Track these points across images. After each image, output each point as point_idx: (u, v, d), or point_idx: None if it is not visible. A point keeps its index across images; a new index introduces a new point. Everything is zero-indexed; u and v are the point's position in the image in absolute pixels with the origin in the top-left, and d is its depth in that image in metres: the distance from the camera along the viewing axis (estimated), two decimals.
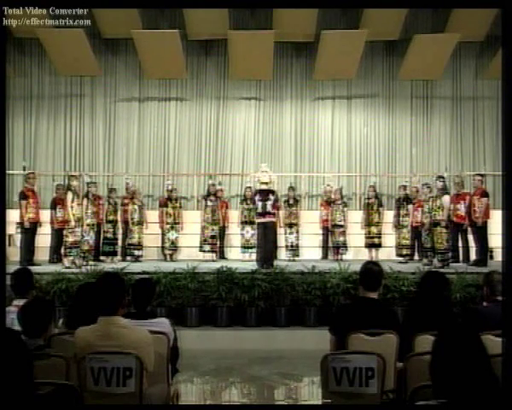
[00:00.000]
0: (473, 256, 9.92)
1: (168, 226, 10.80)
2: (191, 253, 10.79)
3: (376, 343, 3.50)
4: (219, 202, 11.16)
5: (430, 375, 2.06)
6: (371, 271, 3.84)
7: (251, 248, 10.72)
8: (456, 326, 2.13)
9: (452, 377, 1.97)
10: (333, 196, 11.29)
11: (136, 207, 10.68)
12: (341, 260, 10.29)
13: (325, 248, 11.33)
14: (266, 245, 9.32)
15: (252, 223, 10.59)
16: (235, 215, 11.46)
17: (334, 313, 4.09)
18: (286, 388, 6.24)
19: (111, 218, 10.57)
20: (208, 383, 6.36)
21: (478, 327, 2.53)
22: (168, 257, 10.73)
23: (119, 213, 10.76)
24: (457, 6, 11.05)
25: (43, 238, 10.12)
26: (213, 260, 10.46)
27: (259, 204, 9.30)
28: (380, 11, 11.26)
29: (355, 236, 11.14)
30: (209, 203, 10.89)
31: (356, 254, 11.06)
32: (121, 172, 12.67)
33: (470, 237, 10.08)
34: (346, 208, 11.26)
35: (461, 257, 10.18)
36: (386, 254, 10.84)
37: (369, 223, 10.85)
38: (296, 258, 10.72)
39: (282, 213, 10.97)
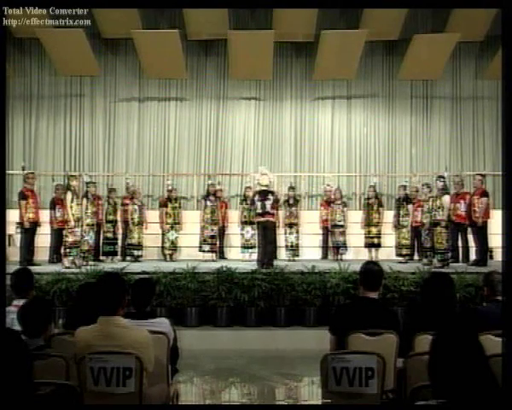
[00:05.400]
0: (472, 256, 9.91)
1: (168, 226, 10.80)
2: (191, 253, 10.78)
3: (376, 343, 3.50)
4: (219, 202, 11.15)
5: (428, 375, 2.06)
6: (371, 271, 3.85)
7: (251, 248, 10.72)
8: (454, 326, 2.13)
9: (449, 377, 1.97)
10: (333, 196, 11.29)
11: (136, 207, 10.68)
12: (341, 260, 10.29)
13: (325, 248, 11.32)
14: (266, 245, 9.32)
15: (252, 223, 10.58)
16: (234, 215, 11.45)
17: (334, 312, 4.09)
18: (286, 388, 6.23)
19: (111, 218, 10.56)
20: (208, 383, 6.35)
21: (478, 327, 2.53)
22: (168, 257, 10.72)
23: (118, 213, 10.76)
24: (457, 6, 11.05)
25: (43, 238, 10.11)
26: (213, 260, 10.45)
27: (258, 204, 9.30)
28: (380, 11, 11.26)
29: (355, 236, 11.13)
30: (208, 203, 10.88)
31: (356, 254, 11.05)
32: (121, 172, 12.67)
33: (470, 237, 10.08)
34: (345, 208, 11.27)
35: (461, 257, 10.18)
36: (386, 254, 10.83)
37: (368, 223, 10.84)
38: (296, 258, 10.71)
39: (281, 212, 10.97)
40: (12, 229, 9.89)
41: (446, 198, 9.42)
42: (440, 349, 2.03)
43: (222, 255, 11.19)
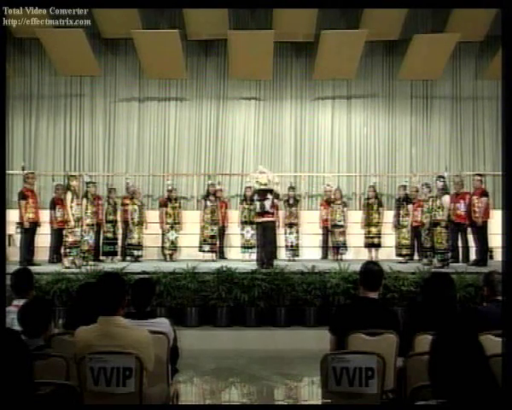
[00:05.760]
0: (472, 256, 9.92)
1: (168, 226, 10.79)
2: (191, 253, 10.78)
3: (376, 343, 3.50)
4: (219, 201, 11.15)
5: (428, 375, 2.06)
6: (371, 271, 3.84)
7: (251, 248, 10.71)
8: (454, 326, 2.13)
9: (449, 377, 1.97)
10: (333, 196, 11.29)
11: (136, 207, 10.68)
12: (341, 260, 10.29)
13: (325, 248, 11.32)
14: (266, 245, 9.31)
15: (252, 223, 10.57)
16: (234, 215, 11.45)
17: (334, 312, 4.09)
18: (286, 388, 6.24)
19: (111, 218, 10.56)
20: (208, 383, 6.36)
21: (478, 327, 2.53)
22: (168, 257, 10.72)
23: (118, 213, 10.76)
24: (457, 6, 11.05)
25: (43, 238, 10.12)
26: (213, 260, 10.45)
27: (258, 204, 9.29)
28: (380, 11, 11.26)
29: (355, 236, 11.13)
30: (208, 203, 10.88)
31: (356, 254, 11.05)
32: (121, 172, 12.68)
33: (470, 237, 10.08)
34: (345, 208, 11.27)
35: (460, 257, 10.19)
36: (386, 254, 10.83)
37: (368, 223, 10.84)
38: (296, 258, 10.70)
39: (281, 212, 10.97)
40: (12, 229, 9.89)
41: (446, 198, 9.42)
42: (440, 349, 2.03)
43: (222, 255, 11.19)
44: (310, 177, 13.17)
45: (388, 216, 11.07)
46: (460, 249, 10.22)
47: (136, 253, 10.55)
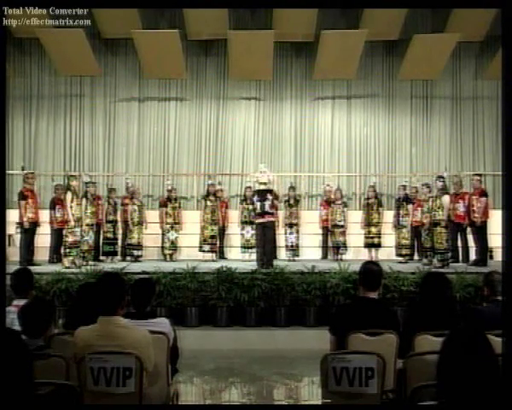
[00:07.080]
0: (472, 256, 9.92)
1: (168, 226, 10.79)
2: (191, 253, 10.78)
3: (376, 343, 3.50)
4: (219, 201, 11.15)
5: (436, 375, 2.04)
6: (371, 271, 3.84)
7: (251, 248, 10.71)
8: (466, 328, 2.12)
9: (460, 378, 1.95)
10: (333, 196, 11.29)
11: (135, 207, 10.68)
12: (341, 260, 10.29)
13: (325, 248, 11.32)
14: (266, 245, 9.31)
15: (252, 223, 10.57)
16: (234, 215, 11.45)
17: (334, 313, 4.09)
18: (286, 388, 6.24)
19: (111, 218, 10.56)
20: (208, 383, 6.36)
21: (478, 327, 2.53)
22: (168, 257, 10.72)
23: (118, 213, 10.76)
24: (457, 6, 11.06)
25: (43, 238, 10.12)
26: (213, 260, 10.45)
27: (258, 204, 9.30)
28: (380, 11, 11.26)
29: (355, 236, 11.13)
30: (209, 203, 10.88)
31: (356, 254, 11.05)
32: (121, 172, 12.68)
33: (470, 237, 10.09)
34: (345, 208, 11.27)
35: (460, 257, 10.19)
36: (386, 254, 10.83)
37: (368, 223, 10.84)
38: (296, 258, 10.71)
39: (281, 212, 10.96)
40: (12, 229, 9.89)
41: (446, 198, 9.43)
42: (451, 350, 2.02)
43: (222, 255, 11.19)
44: (310, 177, 13.17)
45: (388, 216, 11.08)
46: (460, 249, 10.23)
47: (136, 253, 10.55)
